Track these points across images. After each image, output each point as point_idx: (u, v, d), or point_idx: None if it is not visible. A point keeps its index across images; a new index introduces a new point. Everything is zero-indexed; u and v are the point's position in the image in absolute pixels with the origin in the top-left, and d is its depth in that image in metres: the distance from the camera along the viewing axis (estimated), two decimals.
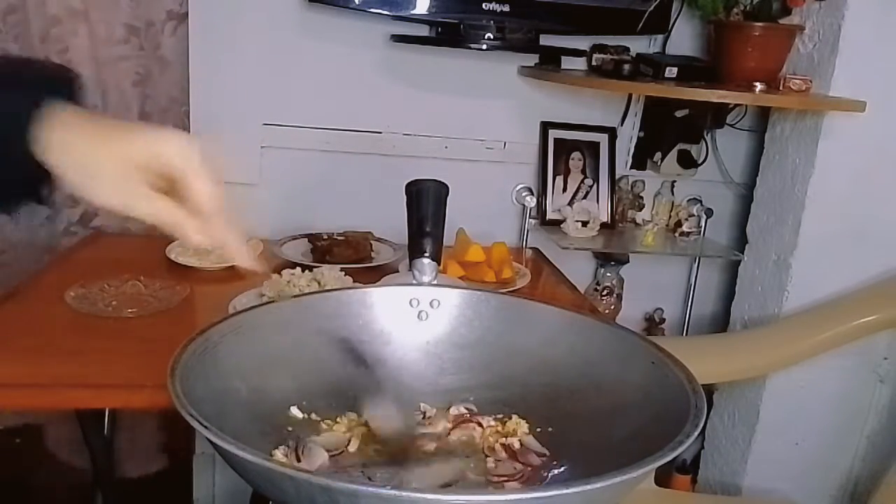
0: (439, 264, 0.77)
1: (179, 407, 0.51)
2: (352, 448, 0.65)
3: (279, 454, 0.62)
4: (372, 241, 1.52)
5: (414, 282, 0.76)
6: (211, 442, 0.48)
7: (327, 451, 0.64)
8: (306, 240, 1.51)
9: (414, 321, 0.75)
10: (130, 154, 0.54)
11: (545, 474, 0.64)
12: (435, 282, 0.76)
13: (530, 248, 1.74)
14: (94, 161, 0.54)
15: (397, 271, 1.37)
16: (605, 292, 1.84)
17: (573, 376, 0.69)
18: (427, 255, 0.77)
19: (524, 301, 0.77)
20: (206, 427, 0.48)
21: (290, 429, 0.66)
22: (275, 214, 1.64)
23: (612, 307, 1.85)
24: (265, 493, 0.52)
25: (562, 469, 0.65)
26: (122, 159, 0.54)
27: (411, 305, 0.76)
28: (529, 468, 0.64)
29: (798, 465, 1.74)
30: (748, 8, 1.53)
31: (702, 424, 0.53)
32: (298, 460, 0.61)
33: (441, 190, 0.84)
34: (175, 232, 0.57)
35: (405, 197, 0.85)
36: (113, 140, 0.55)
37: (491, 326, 0.74)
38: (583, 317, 0.73)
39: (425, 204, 0.81)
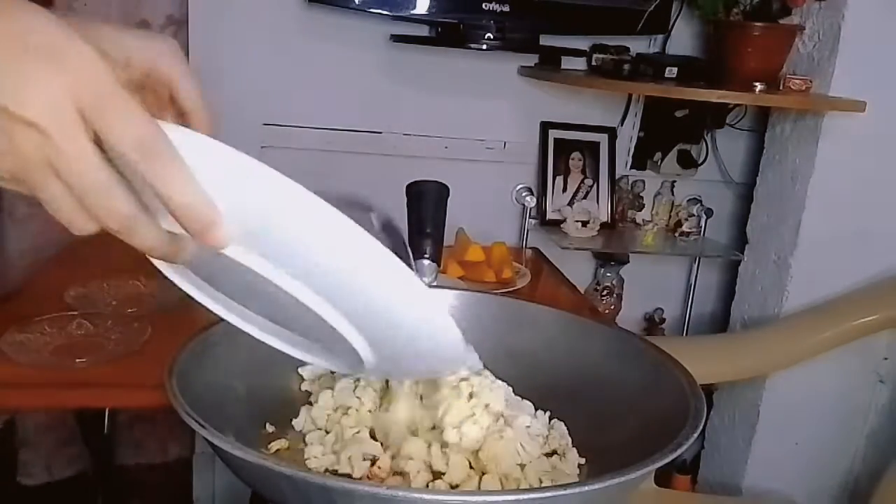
0: (439, 265, 0.77)
1: (177, 406, 0.51)
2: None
3: (276, 445, 0.63)
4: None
5: None
6: (208, 441, 0.48)
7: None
8: None
9: None
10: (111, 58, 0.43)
11: None
12: (435, 283, 0.76)
13: (530, 248, 1.74)
14: None
15: None
16: (605, 292, 1.84)
17: (572, 378, 0.69)
18: (427, 256, 0.77)
19: (524, 303, 0.76)
20: (202, 426, 0.48)
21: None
22: None
23: (612, 307, 1.85)
24: (262, 493, 0.52)
25: None
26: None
27: None
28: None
29: (798, 465, 1.74)
30: (748, 8, 1.53)
31: (701, 427, 0.53)
32: None
33: (441, 191, 0.84)
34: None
35: (405, 198, 0.85)
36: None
37: (490, 328, 0.74)
38: (582, 319, 0.73)
39: (425, 205, 0.81)
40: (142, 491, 1.75)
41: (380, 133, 1.66)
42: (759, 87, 1.45)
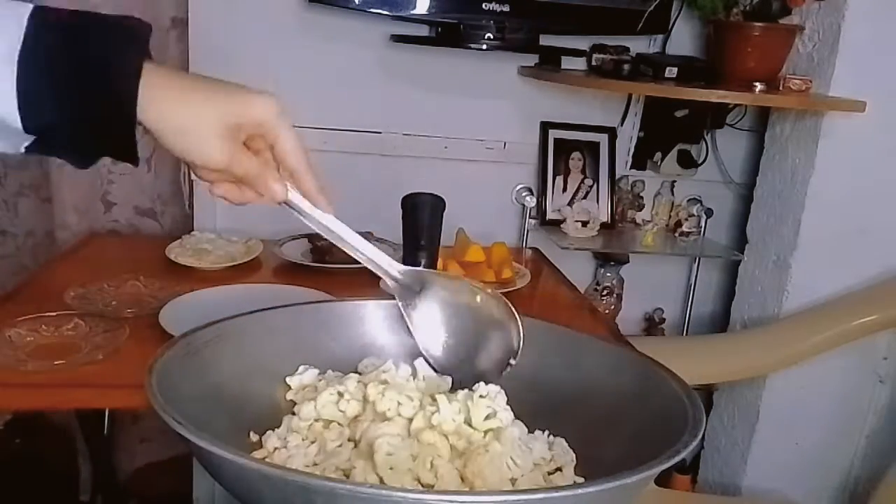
0: None
1: (154, 403, 0.50)
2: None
3: (258, 454, 0.61)
4: (372, 242, 1.51)
5: None
6: (188, 441, 0.47)
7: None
8: (306, 240, 1.51)
9: (406, 335, 0.74)
10: (225, 113, 0.58)
11: None
12: None
13: (530, 248, 1.74)
14: (191, 120, 0.56)
15: None
16: (605, 292, 1.84)
17: (567, 392, 0.68)
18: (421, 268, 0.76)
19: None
20: (179, 423, 0.48)
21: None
22: (275, 214, 1.63)
23: (612, 307, 1.85)
24: (240, 497, 0.50)
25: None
26: (217, 118, 0.57)
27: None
28: None
29: (798, 465, 1.74)
30: (748, 8, 1.53)
31: (699, 436, 0.52)
32: None
33: (437, 204, 0.83)
34: (260, 184, 0.62)
35: (401, 210, 0.85)
36: (209, 99, 0.57)
37: None
38: (577, 333, 0.72)
39: (421, 217, 0.80)
40: (141, 491, 1.75)
41: (379, 133, 1.66)
42: (758, 87, 1.45)
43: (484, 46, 1.54)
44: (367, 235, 1.54)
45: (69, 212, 1.60)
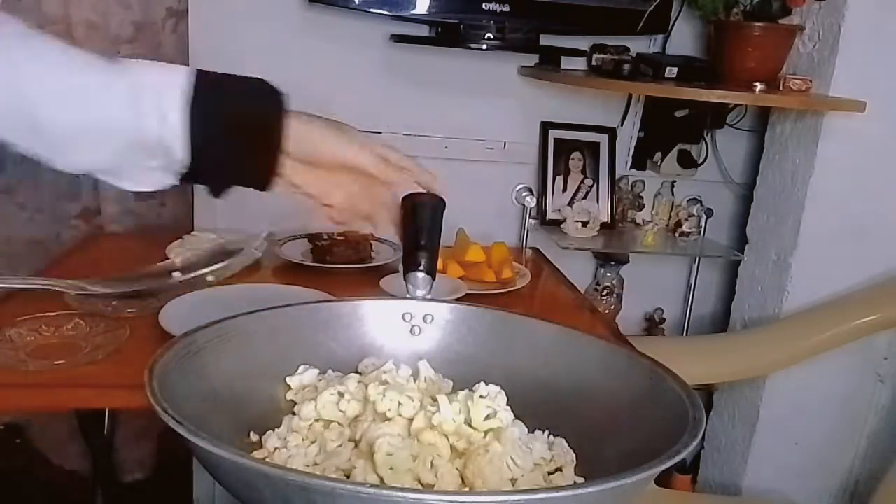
0: (434, 278, 0.76)
1: (154, 402, 0.50)
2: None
3: (258, 455, 0.61)
4: (372, 241, 1.51)
5: (407, 296, 0.76)
6: (188, 441, 0.47)
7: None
8: (306, 240, 1.51)
9: (406, 336, 0.74)
10: (344, 156, 0.75)
11: None
12: (429, 296, 0.76)
13: (530, 248, 1.74)
14: (318, 157, 0.73)
15: (397, 271, 1.36)
16: (605, 292, 1.84)
17: (568, 392, 0.68)
18: (422, 269, 0.76)
19: (519, 317, 0.75)
20: (180, 423, 0.47)
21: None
22: (275, 214, 1.64)
23: (612, 307, 1.85)
24: (239, 496, 0.50)
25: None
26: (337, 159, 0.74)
27: (404, 320, 0.75)
28: None
29: (798, 465, 1.74)
30: (748, 8, 1.53)
31: (699, 437, 0.52)
32: None
33: (438, 204, 0.83)
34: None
35: (401, 210, 0.85)
36: (335, 142, 0.75)
37: (485, 342, 0.73)
38: (578, 333, 0.72)
39: (421, 218, 0.80)
40: (142, 491, 1.75)
41: (380, 133, 1.66)
42: (759, 87, 1.45)
43: (484, 46, 1.54)
44: (367, 235, 1.55)
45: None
